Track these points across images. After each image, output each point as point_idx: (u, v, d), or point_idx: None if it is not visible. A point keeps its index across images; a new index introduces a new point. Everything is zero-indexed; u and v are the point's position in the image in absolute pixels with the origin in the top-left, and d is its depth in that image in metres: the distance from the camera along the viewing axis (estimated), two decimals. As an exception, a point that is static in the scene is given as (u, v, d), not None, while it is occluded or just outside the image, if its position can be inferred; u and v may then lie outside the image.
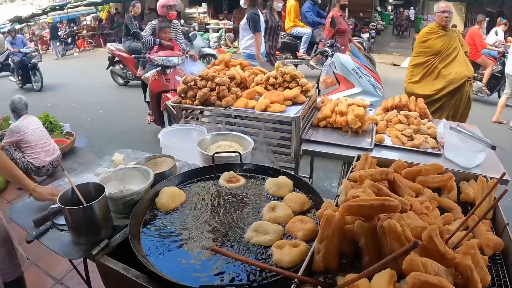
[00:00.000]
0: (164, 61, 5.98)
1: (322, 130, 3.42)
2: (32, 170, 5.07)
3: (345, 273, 1.20)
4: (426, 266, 1.07)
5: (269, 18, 6.61)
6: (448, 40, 4.77)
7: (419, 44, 4.98)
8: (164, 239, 1.68)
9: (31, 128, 5.06)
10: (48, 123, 6.58)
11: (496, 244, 1.40)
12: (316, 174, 4.70)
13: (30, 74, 11.73)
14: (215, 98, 3.36)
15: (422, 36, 4.97)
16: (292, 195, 1.93)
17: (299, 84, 3.42)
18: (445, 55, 4.78)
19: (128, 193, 1.92)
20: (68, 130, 6.82)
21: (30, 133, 5.03)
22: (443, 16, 4.71)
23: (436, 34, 4.81)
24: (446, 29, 4.77)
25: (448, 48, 4.77)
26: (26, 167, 4.99)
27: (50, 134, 5.94)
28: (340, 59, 5.22)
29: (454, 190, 1.81)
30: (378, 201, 1.27)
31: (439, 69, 4.82)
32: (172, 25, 6.94)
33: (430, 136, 3.09)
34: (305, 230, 1.62)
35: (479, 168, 2.68)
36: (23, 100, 5.24)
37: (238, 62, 3.97)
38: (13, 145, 5.02)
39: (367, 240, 1.26)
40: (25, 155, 5.01)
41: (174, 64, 6.06)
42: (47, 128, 6.32)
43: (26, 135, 4.98)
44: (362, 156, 1.93)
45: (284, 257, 1.47)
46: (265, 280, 1.40)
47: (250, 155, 2.63)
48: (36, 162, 5.03)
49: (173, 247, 1.63)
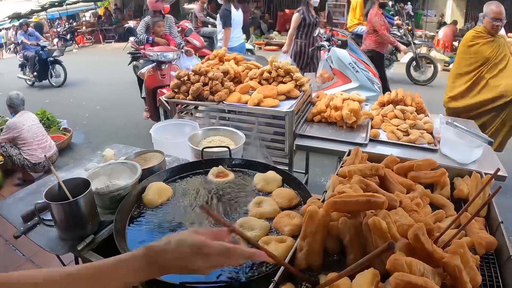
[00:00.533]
0: (159, 56, 5.95)
1: (316, 125, 3.37)
2: (29, 166, 5.05)
3: (329, 272, 1.15)
4: (410, 266, 1.01)
5: (306, 15, 6.56)
6: (497, 46, 4.22)
7: (465, 49, 4.41)
8: (149, 235, 1.65)
9: (27, 125, 5.04)
10: (45, 119, 6.59)
11: (488, 243, 1.32)
12: (312, 170, 4.66)
13: (50, 69, 11.11)
14: (208, 93, 3.31)
15: (468, 40, 4.38)
16: (280, 190, 1.89)
17: (293, 78, 3.37)
18: (494, 63, 4.22)
19: (115, 188, 1.89)
20: (65, 126, 6.80)
21: (26, 129, 5.01)
22: (494, 24, 4.17)
23: (484, 39, 4.25)
24: (494, 35, 4.27)
25: (497, 55, 4.21)
26: (22, 164, 4.98)
27: (47, 130, 5.96)
28: (337, 53, 5.16)
29: (447, 187, 1.74)
30: (363, 197, 1.22)
31: (487, 79, 4.26)
32: (166, 20, 6.90)
33: (427, 131, 3.04)
34: (292, 226, 1.58)
35: (476, 164, 2.63)
36: (20, 96, 5.22)
37: (232, 56, 3.92)
38: (9, 141, 4.99)
39: (352, 238, 1.21)
40: (21, 151, 4.99)
41: (169, 59, 6.04)
42: (44, 124, 6.31)
43: (22, 132, 4.96)
44: (352, 151, 1.87)
45: None
46: (252, 277, 1.36)
47: (241, 150, 2.59)
48: (33, 158, 5.01)
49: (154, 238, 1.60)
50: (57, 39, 19.41)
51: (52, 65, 11.14)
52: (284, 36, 16.67)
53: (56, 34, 20.33)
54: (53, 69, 11.21)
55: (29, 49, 11.31)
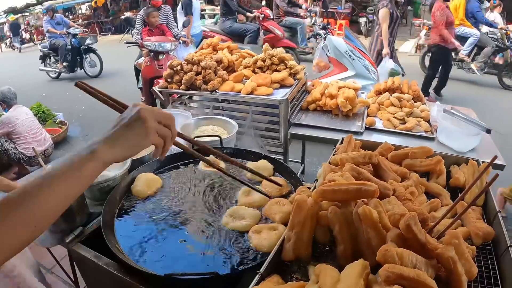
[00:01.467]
0: (157, 46, 5.92)
1: (311, 113, 3.32)
2: (24, 160, 5.03)
3: (319, 263, 1.10)
4: (402, 257, 0.96)
5: (394, 11, 6.05)
6: None
7: None
8: (137, 226, 1.62)
9: (21, 119, 5.01)
10: (41, 113, 6.53)
11: (485, 233, 1.27)
12: (309, 159, 4.62)
13: (84, 58, 10.43)
14: (200, 82, 3.26)
15: None
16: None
17: (287, 66, 3.31)
18: None
19: (103, 179, 1.85)
20: (61, 119, 6.75)
21: (20, 123, 4.99)
22: None
23: None
24: None
25: None
26: (18, 158, 4.97)
27: (43, 124, 5.98)
28: (333, 41, 5.09)
29: (443, 175, 1.69)
30: (354, 185, 1.16)
31: None
32: (163, 11, 6.80)
33: (424, 119, 2.98)
34: (282, 213, 1.55)
35: (474, 153, 2.58)
36: (12, 90, 5.20)
37: (226, 45, 3.86)
38: (4, 136, 4.96)
39: (342, 228, 1.15)
40: (16, 145, 4.97)
41: (166, 50, 6.01)
42: (40, 117, 6.31)
43: (16, 126, 4.94)
44: (345, 138, 1.81)
45: (263, 241, 1.41)
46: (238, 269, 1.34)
47: (234, 139, 2.55)
48: (28, 152, 4.99)
49: (146, 234, 1.57)
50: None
51: (86, 54, 10.49)
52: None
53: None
54: (87, 59, 10.55)
55: (57, 38, 10.33)
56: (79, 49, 10.31)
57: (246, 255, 1.40)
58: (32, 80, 11.13)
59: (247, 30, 8.35)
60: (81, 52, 10.37)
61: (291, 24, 9.97)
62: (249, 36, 7.81)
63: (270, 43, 6.89)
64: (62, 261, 2.16)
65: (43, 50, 10.77)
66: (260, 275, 1.08)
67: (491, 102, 7.48)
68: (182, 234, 1.55)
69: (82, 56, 10.47)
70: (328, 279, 0.97)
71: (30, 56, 15.22)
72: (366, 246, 1.11)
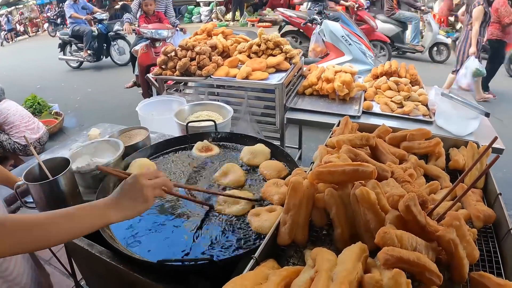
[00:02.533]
0: (153, 34, 5.89)
1: (308, 98, 3.29)
2: (20, 149, 4.98)
3: (315, 247, 1.07)
4: (402, 240, 0.92)
5: (488, 10, 5.89)
6: None
7: None
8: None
9: (12, 110, 4.98)
10: (36, 104, 6.49)
11: (486, 216, 1.23)
12: (306, 145, 4.59)
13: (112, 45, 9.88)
14: (195, 68, 3.22)
15: None
16: (268, 163, 1.83)
17: (283, 51, 3.26)
18: None
19: (96, 166, 1.81)
20: (56, 110, 6.70)
21: (12, 113, 4.95)
22: None
23: None
24: None
25: None
26: (13, 148, 4.93)
27: (38, 115, 6.02)
28: (329, 26, 5.03)
29: (442, 157, 1.65)
30: (351, 166, 1.12)
31: None
32: None
33: (421, 103, 2.95)
34: (280, 194, 1.52)
35: (472, 136, 2.55)
36: (0, 86, 5.12)
37: (220, 30, 3.81)
38: (-3, 128, 4.91)
39: (339, 211, 1.12)
40: (10, 136, 4.94)
41: (163, 37, 5.97)
42: (35, 109, 6.30)
43: (8, 116, 4.89)
44: (342, 120, 1.76)
45: (264, 223, 1.38)
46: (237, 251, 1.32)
47: (229, 124, 2.53)
48: (22, 141, 4.96)
49: (140, 222, 1.54)
50: (48, 24, 19.01)
51: (114, 41, 9.90)
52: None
53: (46, 19, 19.92)
54: (115, 46, 9.98)
55: (80, 24, 9.66)
56: (107, 36, 9.82)
57: (243, 240, 1.38)
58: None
59: (339, 19, 7.75)
60: (108, 39, 9.89)
61: (405, 18, 9.17)
62: None
63: (363, 34, 6.80)
64: (58, 253, 2.13)
65: (63, 37, 10.15)
66: (255, 260, 1.04)
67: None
68: (177, 221, 1.52)
69: (109, 43, 9.99)
70: (325, 263, 0.93)
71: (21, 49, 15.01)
72: (364, 229, 1.07)
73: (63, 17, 20.25)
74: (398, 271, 0.85)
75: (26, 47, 15.77)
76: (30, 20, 22.13)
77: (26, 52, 14.17)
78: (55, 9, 21.08)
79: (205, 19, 16.81)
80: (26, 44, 17.87)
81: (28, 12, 23.70)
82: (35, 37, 17.91)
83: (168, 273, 1.29)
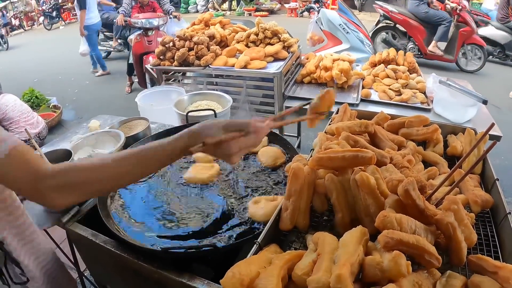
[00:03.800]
0: (144, 23, 5.95)
1: (306, 86, 3.30)
2: (21, 145, 4.96)
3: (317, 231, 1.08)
4: (401, 223, 0.94)
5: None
6: None
7: None
8: (131, 203, 1.62)
9: (11, 105, 4.94)
10: (34, 98, 6.45)
11: (484, 201, 1.25)
12: (305, 133, 4.59)
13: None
14: (193, 58, 3.22)
15: None
16: (265, 149, 1.85)
17: (281, 40, 3.26)
18: None
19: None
20: (54, 104, 6.66)
21: (11, 109, 4.92)
22: None
23: None
24: None
25: None
26: (13, 144, 4.89)
27: (36, 109, 5.96)
28: (327, 15, 5.02)
29: (440, 144, 1.67)
30: (350, 152, 1.14)
31: None
32: None
33: (419, 91, 2.96)
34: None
35: (470, 124, 2.57)
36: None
37: (218, 20, 3.80)
38: (-3, 124, 4.87)
39: (339, 196, 1.14)
40: (10, 132, 4.89)
41: (154, 26, 5.99)
42: (33, 103, 6.25)
43: (7, 112, 4.87)
44: (340, 108, 1.78)
45: (258, 210, 1.42)
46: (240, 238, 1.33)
47: (229, 113, 2.55)
48: (22, 136, 4.92)
49: (143, 211, 1.56)
50: (43, 17, 18.76)
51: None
52: (274, 0, 16.30)
53: (42, 12, 19.65)
54: None
55: (110, 11, 8.99)
56: None
57: (245, 228, 1.40)
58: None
59: (443, 19, 7.14)
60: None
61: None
62: (444, 26, 6.81)
63: (461, 38, 6.82)
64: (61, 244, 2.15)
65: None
66: (258, 244, 1.06)
67: None
68: (179, 209, 1.54)
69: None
70: (326, 246, 0.95)
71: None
72: (364, 213, 1.09)
73: (58, 10, 20.04)
74: (398, 253, 0.87)
75: (22, 41, 15.61)
76: (25, 13, 21.87)
77: (22, 46, 14.03)
78: (50, 2, 20.82)
79: (201, 9, 16.68)
80: (22, 38, 17.68)
81: (23, 6, 23.46)
82: (31, 31, 17.70)
83: (173, 261, 1.30)
